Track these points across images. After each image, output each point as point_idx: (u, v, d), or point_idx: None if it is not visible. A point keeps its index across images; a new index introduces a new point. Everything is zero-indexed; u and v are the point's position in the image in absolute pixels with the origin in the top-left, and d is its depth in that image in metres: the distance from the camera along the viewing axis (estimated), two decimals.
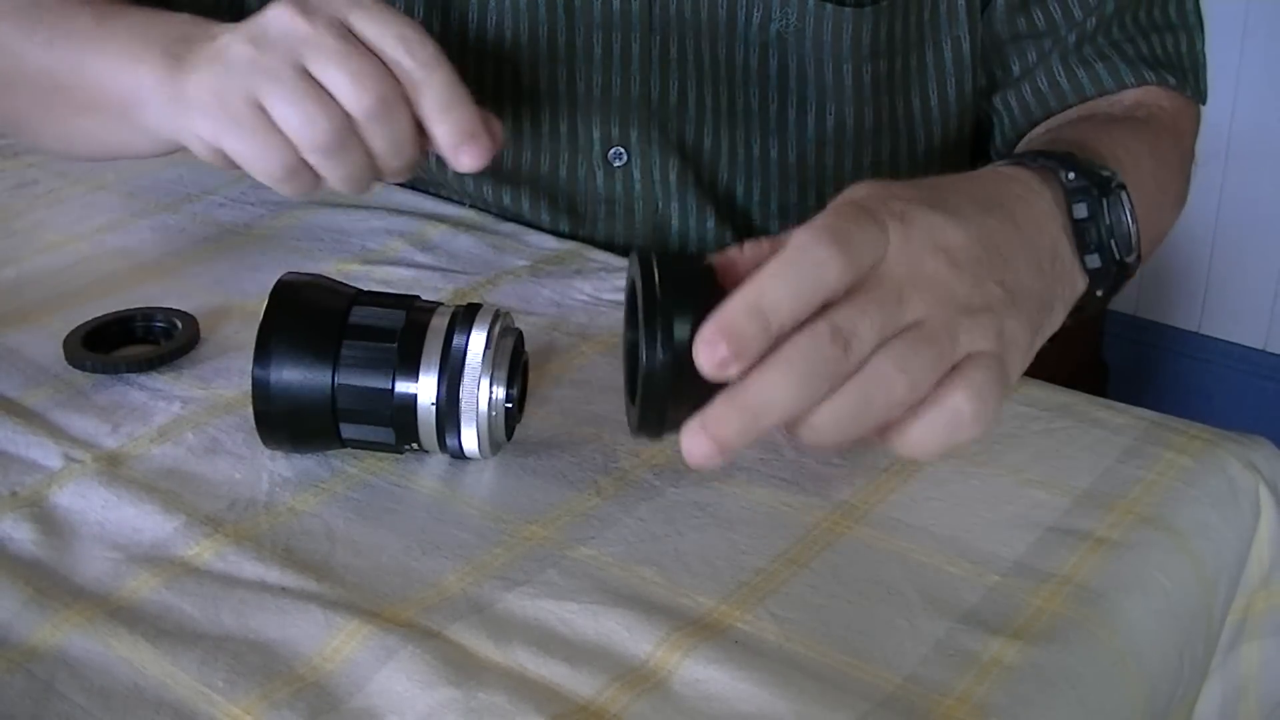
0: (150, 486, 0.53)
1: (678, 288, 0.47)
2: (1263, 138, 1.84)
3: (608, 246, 0.76)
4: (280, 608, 0.46)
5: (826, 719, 0.42)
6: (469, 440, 0.52)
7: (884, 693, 0.43)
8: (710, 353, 0.45)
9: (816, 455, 0.52)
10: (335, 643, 0.45)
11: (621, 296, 0.68)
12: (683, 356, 0.46)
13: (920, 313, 0.49)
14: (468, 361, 0.51)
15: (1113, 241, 0.57)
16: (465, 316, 0.52)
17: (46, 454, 0.55)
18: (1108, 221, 0.57)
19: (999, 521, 0.52)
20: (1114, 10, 0.79)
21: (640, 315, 0.47)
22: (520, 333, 0.54)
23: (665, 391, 0.47)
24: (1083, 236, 0.57)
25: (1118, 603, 0.48)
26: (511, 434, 0.55)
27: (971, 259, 0.51)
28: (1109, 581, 0.49)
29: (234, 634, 0.45)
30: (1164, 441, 0.57)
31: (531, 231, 0.77)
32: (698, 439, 0.47)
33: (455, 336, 0.51)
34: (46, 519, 0.51)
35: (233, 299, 0.67)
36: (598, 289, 0.69)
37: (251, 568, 0.49)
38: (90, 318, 0.64)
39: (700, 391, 0.47)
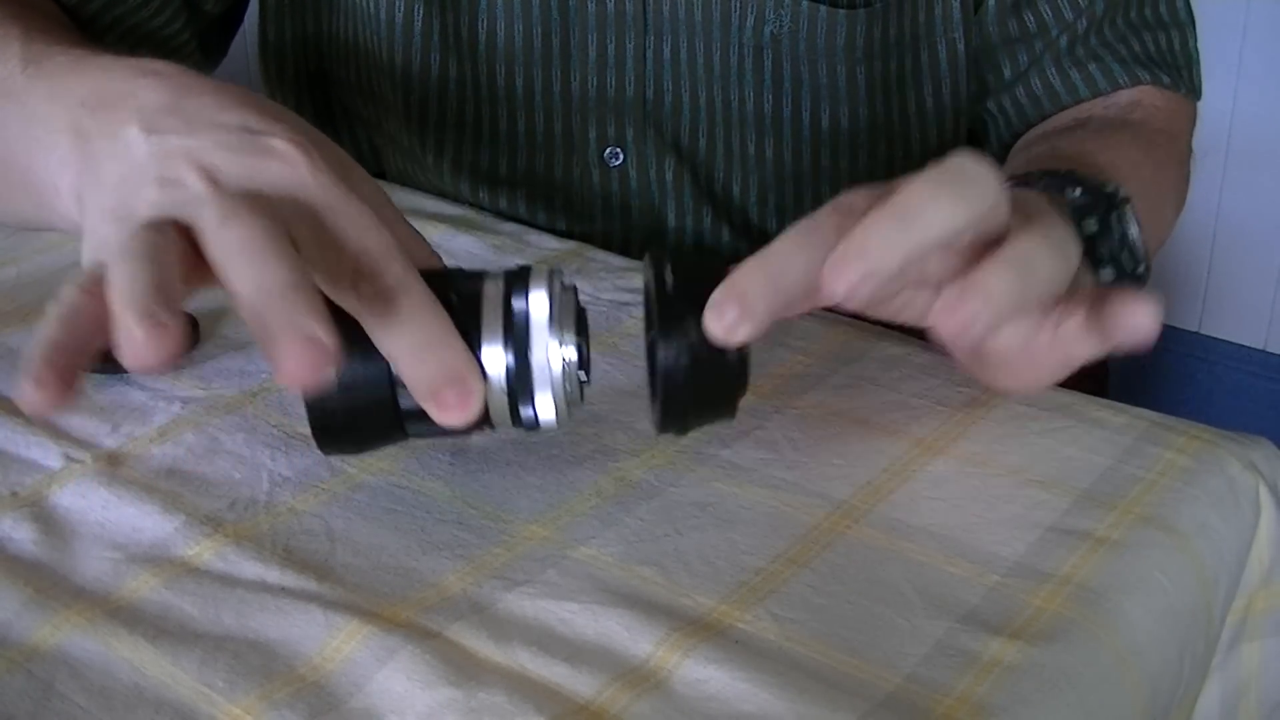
0: (150, 486, 0.53)
1: (690, 284, 0.47)
2: (1263, 138, 1.84)
3: (605, 246, 0.76)
4: (280, 608, 0.46)
5: (826, 719, 0.42)
6: (545, 408, 0.48)
7: (884, 693, 0.43)
8: (718, 316, 0.45)
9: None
10: (335, 643, 0.45)
11: (621, 297, 0.68)
12: (698, 352, 0.46)
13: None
14: (533, 324, 0.47)
15: (1124, 254, 0.58)
16: (518, 279, 0.48)
17: (46, 454, 0.55)
18: (1116, 236, 0.57)
19: (999, 521, 0.52)
20: (1104, 10, 0.79)
21: (655, 314, 0.47)
22: (575, 288, 0.50)
23: (684, 387, 0.47)
24: (1094, 252, 0.57)
25: (1118, 603, 0.48)
26: (583, 397, 0.51)
27: None
28: (1109, 581, 0.49)
29: (234, 634, 0.45)
30: (1164, 441, 0.57)
31: (532, 231, 0.77)
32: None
33: (514, 300, 0.47)
34: (46, 519, 0.51)
35: None
36: (598, 289, 0.69)
37: (251, 568, 0.49)
38: None
39: (719, 387, 0.47)
